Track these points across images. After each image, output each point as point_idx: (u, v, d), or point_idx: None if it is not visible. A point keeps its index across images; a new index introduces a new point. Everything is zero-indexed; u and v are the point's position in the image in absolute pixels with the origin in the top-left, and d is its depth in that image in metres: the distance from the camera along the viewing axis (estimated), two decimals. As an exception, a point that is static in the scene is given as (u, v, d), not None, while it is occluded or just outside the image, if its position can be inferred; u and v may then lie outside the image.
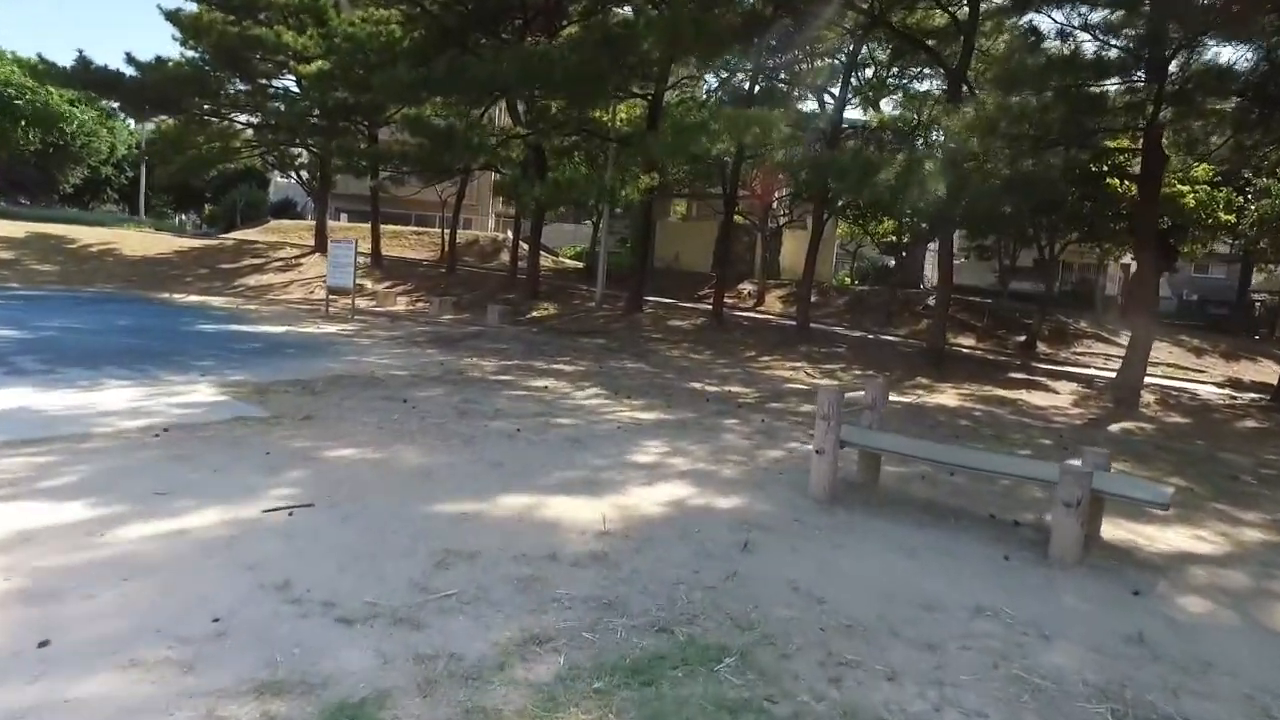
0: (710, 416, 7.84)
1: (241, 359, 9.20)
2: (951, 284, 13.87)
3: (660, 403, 8.37)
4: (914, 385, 11.83)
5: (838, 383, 11.67)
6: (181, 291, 19.66)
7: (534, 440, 6.09)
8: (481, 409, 7.15)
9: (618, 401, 8.24)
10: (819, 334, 16.27)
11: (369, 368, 9.20)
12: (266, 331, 12.33)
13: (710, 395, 9.27)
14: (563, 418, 7.11)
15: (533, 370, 10.12)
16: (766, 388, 10.45)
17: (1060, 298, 33.08)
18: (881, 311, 21.30)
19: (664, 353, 13.52)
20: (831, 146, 14.49)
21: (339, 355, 10.21)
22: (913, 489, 5.66)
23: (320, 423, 6.11)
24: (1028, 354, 17.64)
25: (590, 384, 9.31)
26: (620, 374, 10.49)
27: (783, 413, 8.46)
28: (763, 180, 20.68)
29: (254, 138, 24.79)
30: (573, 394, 8.53)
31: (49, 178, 48.25)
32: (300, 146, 20.85)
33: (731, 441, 6.74)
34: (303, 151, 23.53)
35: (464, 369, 9.68)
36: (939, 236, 13.31)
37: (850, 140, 15.51)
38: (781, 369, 12.70)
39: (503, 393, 8.19)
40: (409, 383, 8.30)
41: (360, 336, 12.61)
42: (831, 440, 4.96)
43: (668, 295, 21.58)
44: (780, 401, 9.30)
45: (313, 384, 7.77)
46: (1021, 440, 8.26)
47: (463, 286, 21.85)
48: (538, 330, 15.63)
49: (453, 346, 12.06)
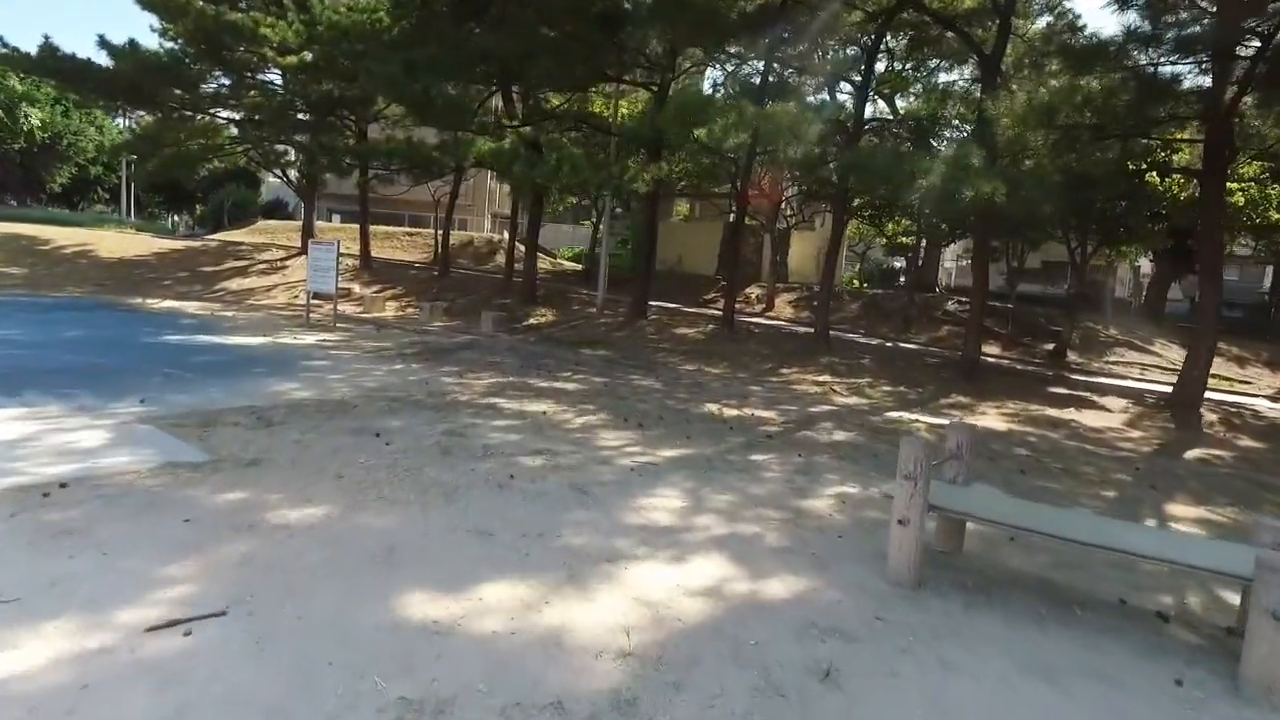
0: (737, 451, 6.69)
1: (197, 379, 8.03)
2: (986, 290, 12.74)
3: (676, 432, 7.22)
4: (951, 404, 10.71)
5: (868, 400, 10.55)
6: (157, 296, 18.49)
7: (530, 491, 4.94)
8: (469, 445, 6.00)
9: (627, 431, 7.09)
10: (837, 342, 15.14)
11: (342, 389, 8.04)
12: (236, 343, 11.17)
13: (731, 421, 8.13)
14: (565, 455, 5.96)
15: (529, 390, 8.97)
16: (792, 409, 9.31)
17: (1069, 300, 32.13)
18: (898, 317, 20.17)
19: (673, 365, 12.38)
20: (852, 143, 13.36)
21: (312, 372, 9.04)
22: (1004, 556, 4.53)
23: (268, 469, 4.95)
24: (1058, 364, 16.52)
25: (594, 407, 8.16)
26: (627, 393, 9.34)
27: (818, 444, 7.31)
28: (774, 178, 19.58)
29: (239, 135, 23.64)
30: (575, 420, 7.38)
31: (35, 177, 47.09)
32: (284, 143, 19.67)
33: (769, 487, 5.60)
34: (289, 149, 22.34)
35: (451, 389, 8.53)
36: (977, 239, 12.19)
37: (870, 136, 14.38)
38: (804, 384, 11.57)
39: (494, 421, 7.03)
40: (386, 409, 7.14)
41: (341, 348, 11.45)
42: (919, 507, 3.82)
43: (670, 299, 20.43)
44: (811, 428, 8.15)
45: (272, 412, 6.61)
46: (1095, 475, 7.13)
47: (456, 290, 20.68)
48: (535, 340, 14.49)
49: (441, 360, 10.91)
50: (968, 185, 8.31)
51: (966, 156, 8.48)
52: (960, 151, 8.65)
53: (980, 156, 8.50)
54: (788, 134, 9.66)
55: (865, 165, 9.04)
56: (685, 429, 7.41)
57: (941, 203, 8.57)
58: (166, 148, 21.42)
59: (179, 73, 17.74)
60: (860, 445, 7.38)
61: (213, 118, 22.68)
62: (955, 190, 8.42)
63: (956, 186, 8.37)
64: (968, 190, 8.36)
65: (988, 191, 8.15)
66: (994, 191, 8.15)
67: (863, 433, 8.05)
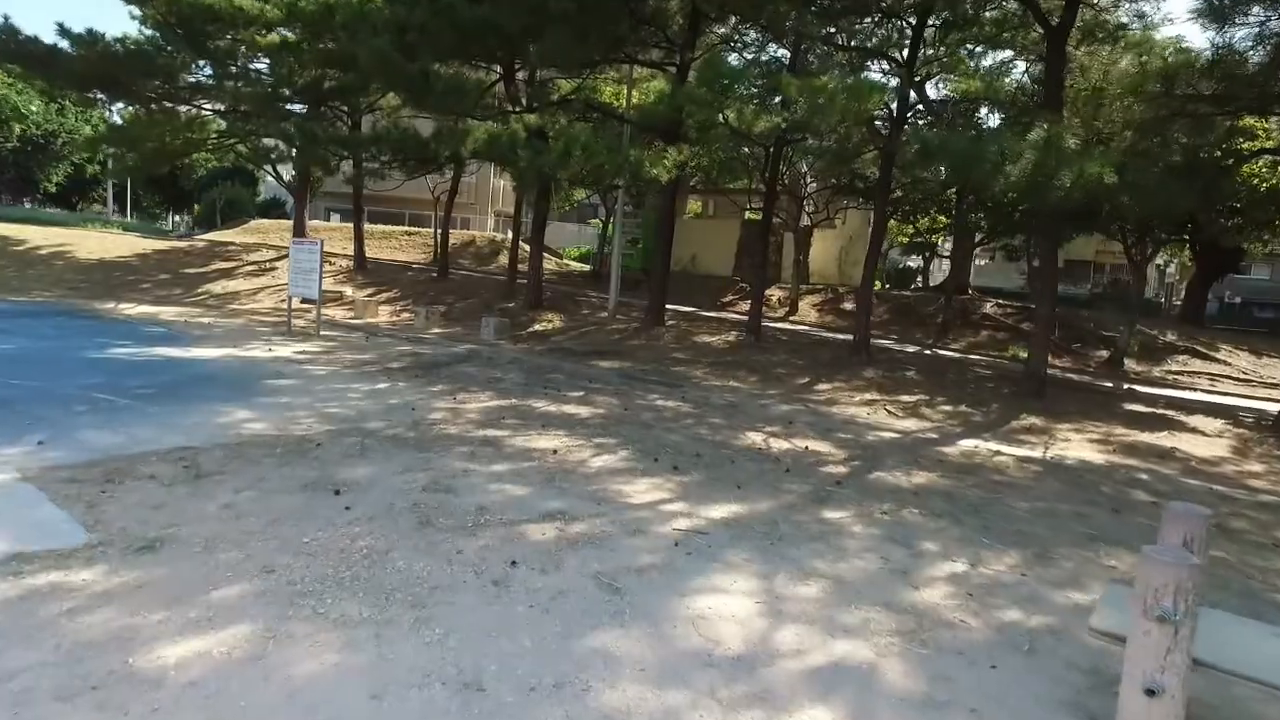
0: (804, 506, 5.21)
1: (130, 407, 6.59)
2: (1055, 296, 11.22)
3: (721, 477, 5.75)
4: (1025, 428, 9.20)
5: (929, 424, 9.04)
6: (132, 300, 17.09)
7: (540, 592, 3.47)
8: (456, 507, 4.53)
9: (660, 477, 5.61)
10: (875, 351, 13.63)
11: (307, 419, 6.58)
12: (197, 357, 9.73)
13: (782, 457, 6.64)
14: (584, 519, 4.50)
15: (534, 416, 7.50)
16: (847, 437, 7.83)
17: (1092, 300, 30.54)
18: (933, 321, 18.65)
19: (700, 381, 10.90)
20: (895, 129, 11.86)
21: (276, 396, 7.59)
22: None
23: (168, 560, 3.50)
24: (1115, 373, 15.00)
25: (615, 440, 6.69)
26: (652, 418, 7.87)
27: (899, 492, 5.82)
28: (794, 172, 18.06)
29: (226, 129, 22.23)
30: (593, 461, 5.91)
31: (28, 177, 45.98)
32: (269, 136, 18.24)
33: (860, 566, 4.13)
34: (278, 143, 20.91)
35: (441, 418, 7.06)
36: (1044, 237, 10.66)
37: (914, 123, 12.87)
38: (850, 403, 10.07)
39: (492, 464, 5.57)
40: (355, 450, 5.68)
41: (319, 362, 10.01)
42: (1178, 664, 2.33)
43: (686, 302, 18.96)
44: (880, 466, 6.66)
45: (206, 457, 5.16)
46: (1259, 537, 5.62)
47: (455, 293, 19.23)
48: (541, 349, 13.02)
49: (433, 376, 9.45)
50: (1067, 169, 6.82)
51: (1060, 136, 6.99)
52: (1053, 130, 7.16)
53: (1077, 136, 7.03)
54: (838, 109, 8.18)
55: (941, 148, 7.56)
56: (731, 472, 5.93)
57: (1034, 191, 7.10)
58: (149, 142, 20.05)
59: (153, 61, 16.32)
60: (950, 493, 5.89)
61: (199, 110, 21.29)
62: (1052, 175, 6.92)
63: (1054, 171, 6.88)
64: (1066, 176, 6.86)
65: (1094, 174, 6.67)
66: (1101, 174, 6.67)
67: (944, 473, 6.56)
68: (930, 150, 7.60)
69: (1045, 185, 7.02)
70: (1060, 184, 6.93)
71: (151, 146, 20.23)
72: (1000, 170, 7.09)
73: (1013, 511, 5.52)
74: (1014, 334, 18.02)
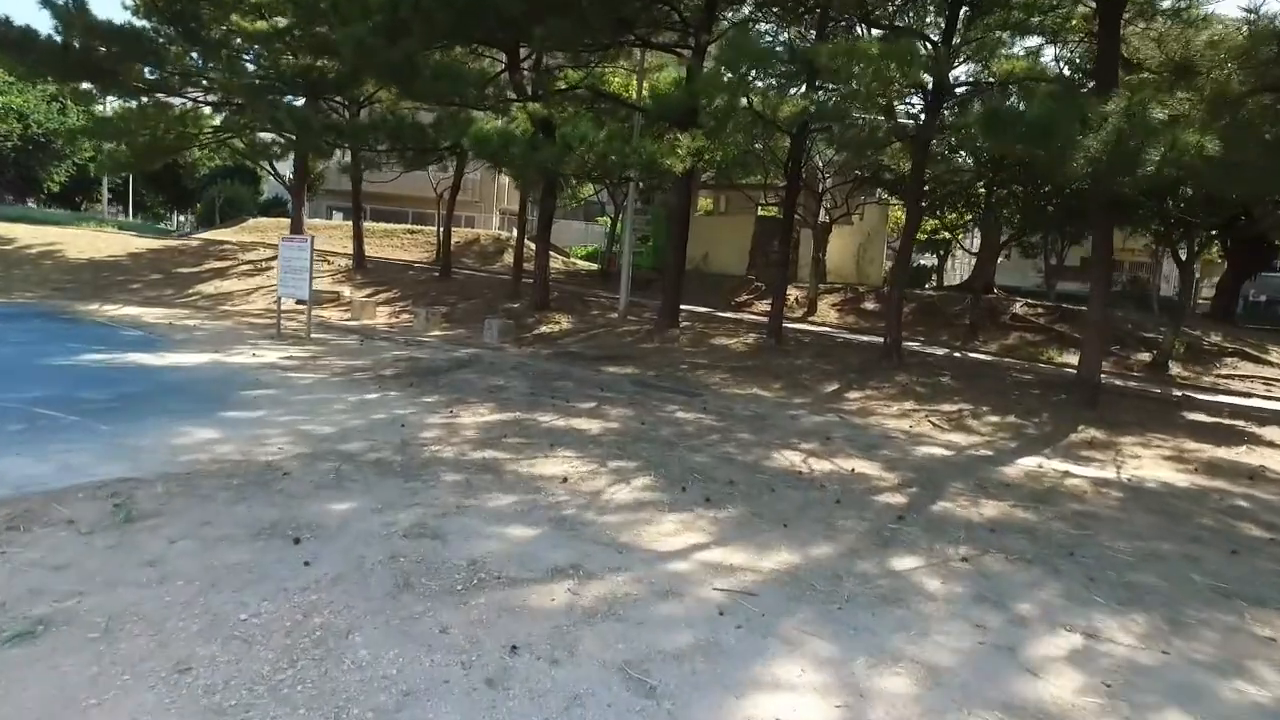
0: (866, 550, 4.31)
1: (78, 424, 5.73)
2: (1108, 296, 10.25)
3: (762, 511, 4.85)
4: (1085, 441, 8.26)
5: (980, 439, 8.12)
6: (119, 301, 16.30)
7: (547, 700, 2.58)
8: (443, 562, 3.65)
9: (690, 512, 4.72)
10: (905, 354, 12.69)
11: (279, 439, 5.71)
12: (173, 364, 8.89)
13: (827, 483, 5.74)
14: (602, 577, 3.61)
15: (541, 433, 6.62)
16: (893, 455, 6.91)
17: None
18: (960, 322, 17.69)
19: (720, 388, 9.99)
20: (933, 110, 10.93)
21: (249, 409, 6.73)
22: None
23: (46, 654, 2.62)
24: (1161, 377, 14.02)
25: (634, 463, 5.80)
26: (673, 435, 6.97)
27: (972, 529, 4.91)
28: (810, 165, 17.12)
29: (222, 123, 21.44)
30: (610, 492, 5.02)
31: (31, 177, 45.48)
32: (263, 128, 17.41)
33: (955, 645, 3.23)
34: (274, 137, 20.09)
35: (433, 436, 6.18)
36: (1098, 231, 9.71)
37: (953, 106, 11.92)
38: (886, 413, 9.15)
39: (489, 498, 4.68)
40: (330, 479, 4.80)
41: (305, 369, 9.15)
42: None
43: (699, 302, 18.06)
44: (940, 493, 5.75)
45: (146, 491, 4.29)
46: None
47: (457, 294, 18.37)
48: (548, 353, 12.14)
49: (430, 385, 8.58)
50: (1157, 140, 5.87)
51: (1145, 105, 6.03)
52: (1140, 96, 6.21)
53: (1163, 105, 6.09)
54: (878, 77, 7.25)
55: (1013, 118, 6.62)
56: (772, 504, 5.03)
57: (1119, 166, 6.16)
58: (140, 135, 19.25)
59: (138, 43, 15.50)
60: (1032, 530, 4.97)
61: (195, 104, 20.50)
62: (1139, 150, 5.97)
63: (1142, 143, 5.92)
64: (1155, 148, 5.91)
65: (1191, 145, 5.72)
66: (1201, 146, 5.71)
67: (1016, 501, 5.64)
68: (999, 121, 6.65)
69: (1132, 160, 6.08)
70: (1148, 158, 5.98)
71: (143, 140, 19.46)
72: (1077, 145, 6.14)
73: (1112, 554, 4.60)
74: (1047, 335, 17.06)
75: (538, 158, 9.73)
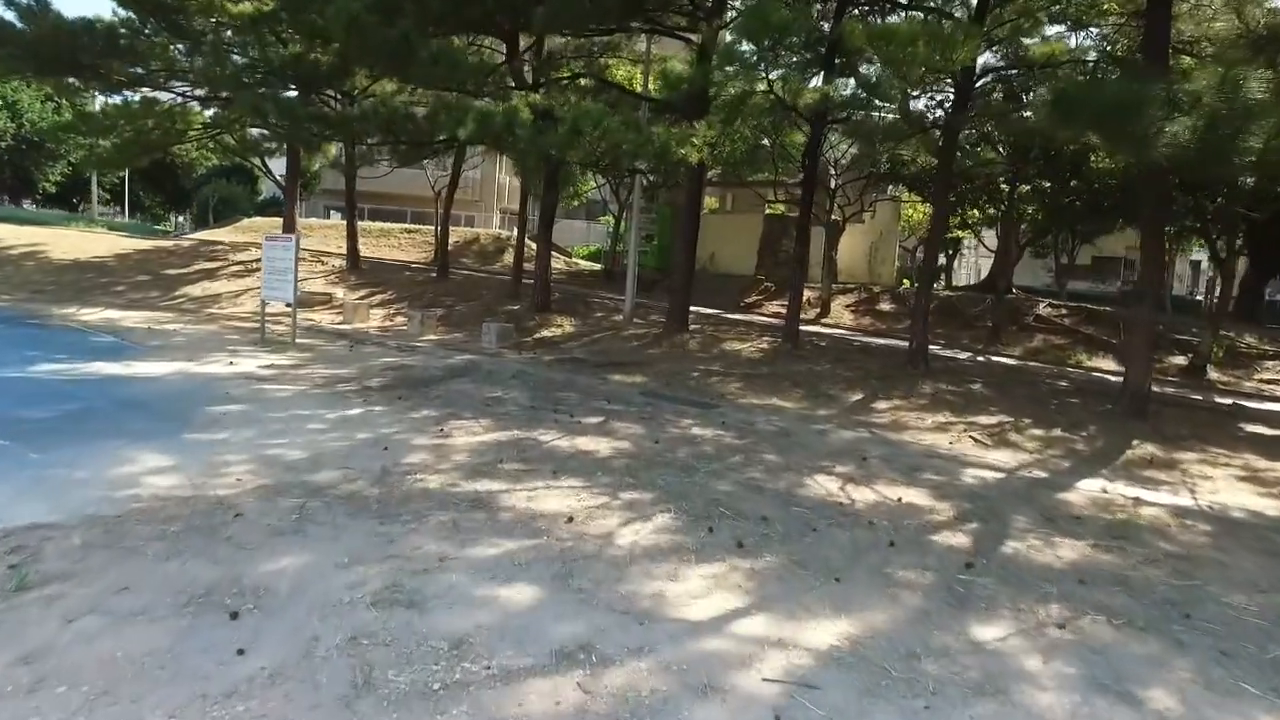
0: (939, 614, 3.52)
1: (10, 447, 4.96)
2: (1160, 297, 9.44)
3: (806, 559, 4.07)
4: (1144, 460, 7.46)
5: (1029, 456, 7.32)
6: (98, 304, 15.53)
7: None
8: (417, 644, 2.86)
9: (721, 562, 3.94)
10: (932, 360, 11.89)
11: (238, 467, 4.93)
12: (139, 374, 8.11)
13: (873, 517, 4.95)
14: (619, 661, 2.83)
15: (542, 455, 5.84)
16: (943, 481, 6.12)
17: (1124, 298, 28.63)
18: (981, 324, 16.91)
19: (736, 399, 9.20)
20: (964, 97, 10.13)
21: (211, 430, 5.95)
22: None
23: None
24: (1200, 383, 13.23)
25: (649, 494, 5.02)
26: (691, 456, 6.19)
27: (1057, 577, 4.12)
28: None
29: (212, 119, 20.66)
30: (622, 534, 4.25)
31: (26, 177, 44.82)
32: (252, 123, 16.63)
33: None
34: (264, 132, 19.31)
35: (419, 463, 5.40)
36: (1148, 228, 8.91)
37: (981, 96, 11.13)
38: (921, 426, 8.35)
39: (479, 545, 3.91)
40: (290, 521, 4.02)
41: (284, 379, 8.38)
42: None
43: (707, 303, 17.30)
44: (1007, 528, 4.96)
45: (56, 544, 3.51)
46: None
47: (455, 295, 17.60)
48: (550, 359, 11.36)
49: (420, 397, 7.80)
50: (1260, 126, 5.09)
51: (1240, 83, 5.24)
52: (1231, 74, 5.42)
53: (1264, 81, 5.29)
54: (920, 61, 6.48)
55: (1086, 98, 5.82)
56: (817, 549, 4.25)
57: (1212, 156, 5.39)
58: (125, 131, 18.49)
59: (114, 41, 14.73)
60: (1125, 578, 4.18)
61: (184, 99, 19.72)
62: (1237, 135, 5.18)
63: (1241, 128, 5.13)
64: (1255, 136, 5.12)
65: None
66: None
67: (1094, 539, 4.85)
68: (1070, 102, 5.85)
69: (1227, 146, 5.28)
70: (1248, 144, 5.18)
71: (128, 137, 18.71)
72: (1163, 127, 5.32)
73: (1236, 615, 3.81)
74: (1073, 338, 16.27)
75: (543, 142, 8.94)
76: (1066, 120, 6.09)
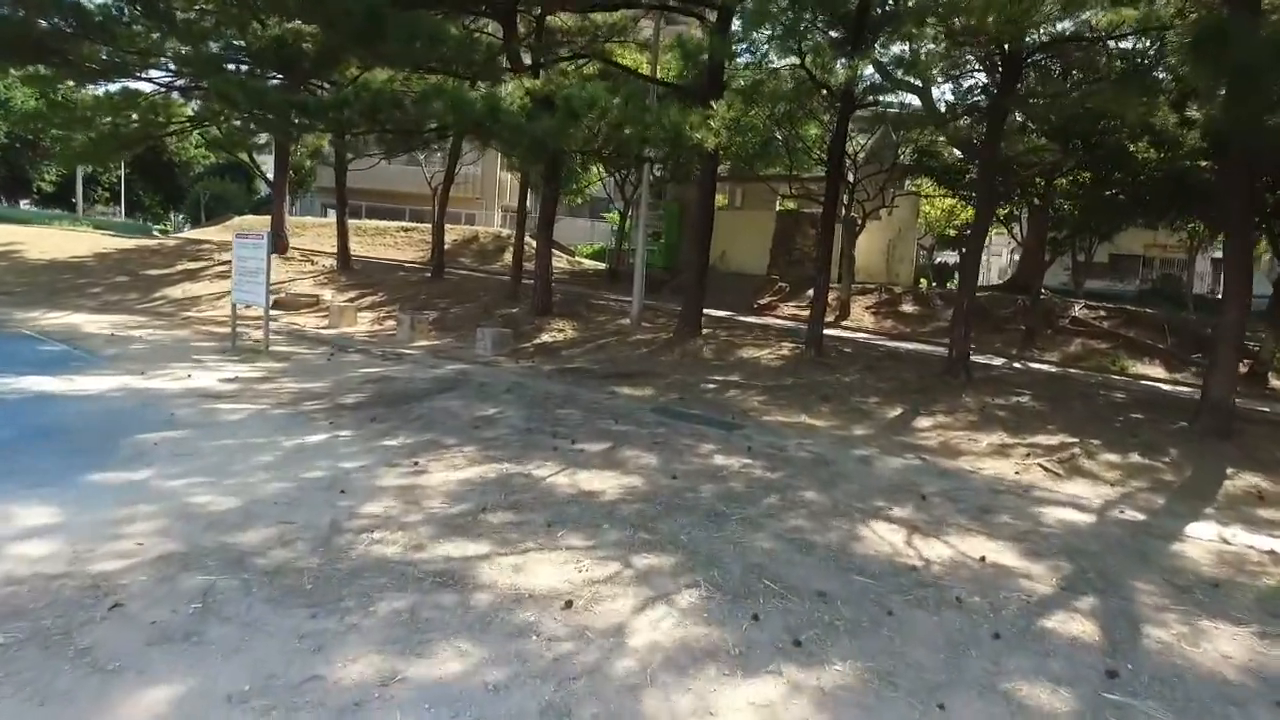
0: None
1: None
2: (1248, 299, 8.29)
3: (890, 667, 2.97)
4: (1250, 493, 6.34)
5: (1110, 489, 6.21)
6: (69, 307, 14.51)
7: None
8: None
9: (774, 675, 2.84)
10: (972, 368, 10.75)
11: (146, 524, 3.85)
12: (77, 391, 7.05)
13: (964, 592, 3.85)
14: None
15: (534, 499, 4.75)
16: (1026, 528, 5.01)
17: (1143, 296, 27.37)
18: (1013, 328, 15.76)
19: (759, 416, 8.08)
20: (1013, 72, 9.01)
21: (133, 467, 4.87)
22: None
23: None
24: (1262, 390, 12.09)
25: (671, 560, 3.92)
26: (717, 496, 5.09)
27: (1226, 686, 3.01)
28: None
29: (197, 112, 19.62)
30: (638, 630, 3.15)
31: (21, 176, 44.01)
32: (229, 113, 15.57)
33: None
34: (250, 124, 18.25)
35: (379, 515, 4.31)
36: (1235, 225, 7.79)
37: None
38: (976, 450, 7.24)
39: (440, 663, 2.81)
40: (172, 625, 2.94)
41: (244, 395, 7.30)
42: None
43: (718, 304, 16.18)
44: (1133, 606, 3.86)
45: None
46: None
47: (450, 296, 16.53)
48: (550, 369, 10.27)
49: (398, 418, 6.72)
50: None
51: None
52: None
53: None
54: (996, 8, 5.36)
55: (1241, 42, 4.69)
56: (897, 643, 3.15)
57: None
58: (100, 123, 17.48)
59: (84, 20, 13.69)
60: (1326, 690, 3.06)
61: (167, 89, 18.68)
62: None
63: None
64: None
65: None
66: None
67: (1255, 622, 3.74)
68: (1221, 38, 4.67)
69: None
70: None
71: (105, 130, 17.69)
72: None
73: None
74: (1114, 342, 15.11)
75: (534, 129, 7.85)
76: (1207, 65, 4.88)
